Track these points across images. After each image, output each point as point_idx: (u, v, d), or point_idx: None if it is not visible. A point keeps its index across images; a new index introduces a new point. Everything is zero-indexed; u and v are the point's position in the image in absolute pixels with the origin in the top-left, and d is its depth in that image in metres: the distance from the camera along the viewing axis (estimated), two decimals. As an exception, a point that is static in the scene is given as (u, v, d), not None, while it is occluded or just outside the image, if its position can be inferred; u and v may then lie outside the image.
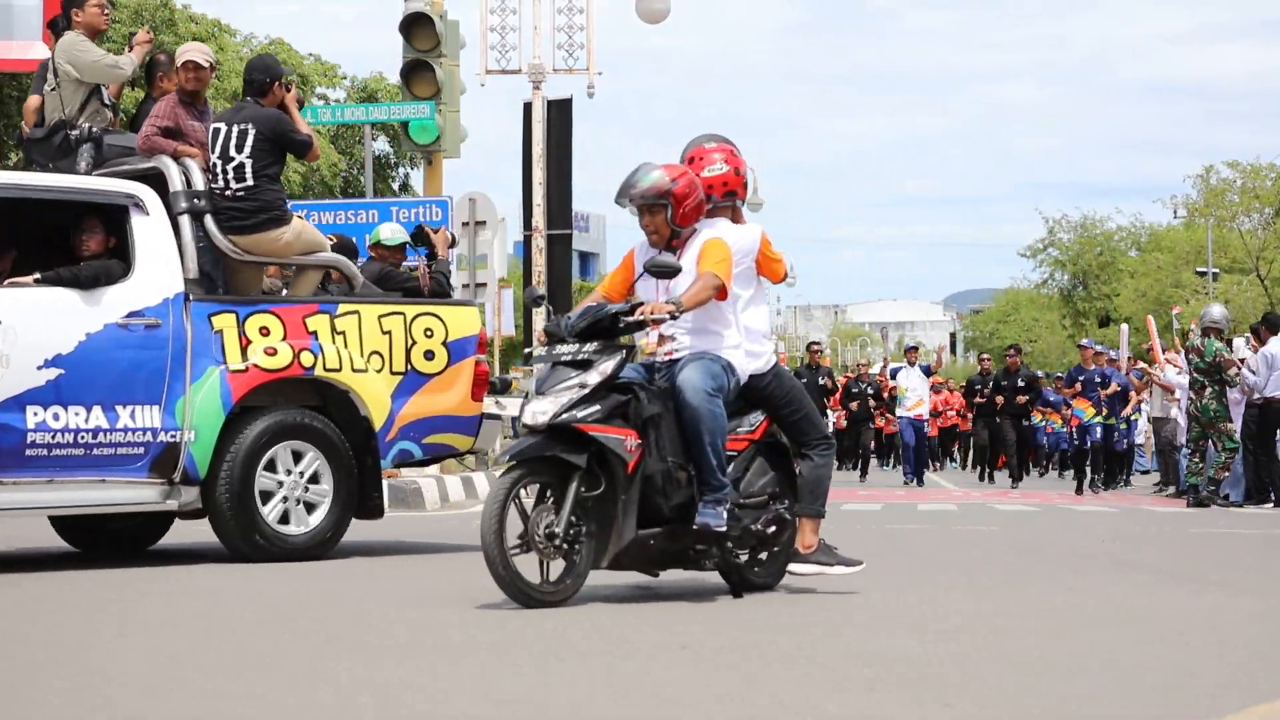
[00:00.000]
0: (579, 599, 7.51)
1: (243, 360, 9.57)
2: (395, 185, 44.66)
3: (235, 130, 9.81)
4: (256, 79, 10.07)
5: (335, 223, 18.81)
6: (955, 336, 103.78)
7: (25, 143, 10.45)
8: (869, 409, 28.49)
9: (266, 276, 10.56)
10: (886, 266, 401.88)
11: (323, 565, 9.51)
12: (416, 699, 4.95)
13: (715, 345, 7.70)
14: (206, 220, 9.72)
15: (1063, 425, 28.97)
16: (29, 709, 4.76)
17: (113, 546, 10.49)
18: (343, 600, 7.67)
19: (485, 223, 21.23)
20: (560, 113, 22.88)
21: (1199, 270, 53.85)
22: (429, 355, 10.28)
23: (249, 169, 9.77)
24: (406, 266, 11.96)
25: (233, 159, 9.77)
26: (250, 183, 9.77)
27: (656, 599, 7.66)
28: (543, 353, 7.56)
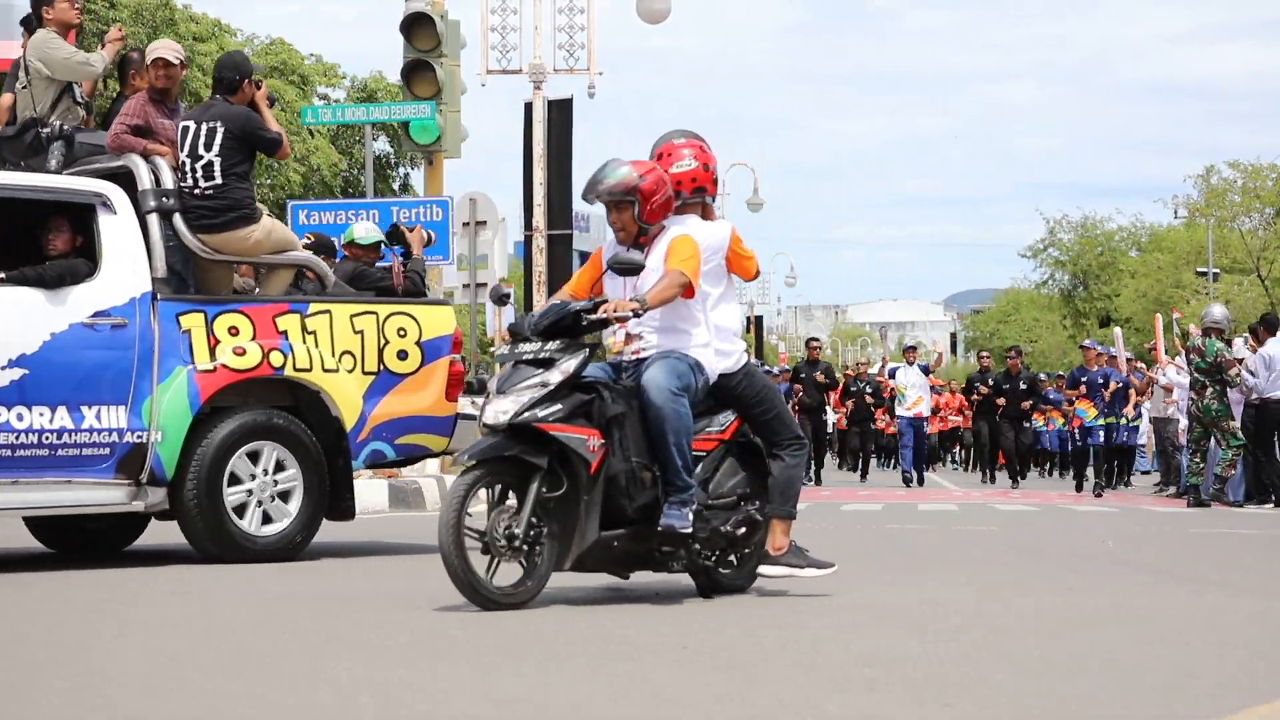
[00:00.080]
0: (580, 599, 7.52)
1: (211, 360, 9.49)
2: (395, 185, 44.66)
3: (204, 128, 9.71)
4: (226, 76, 9.96)
5: (335, 223, 18.78)
6: (956, 337, 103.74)
7: None
8: (868, 408, 28.45)
9: (239, 276, 10.45)
10: (887, 266, 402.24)
11: (322, 565, 9.51)
12: (416, 699, 4.95)
13: (683, 344, 7.59)
14: (175, 219, 9.63)
15: (1064, 424, 28.94)
16: (29, 709, 4.75)
17: (88, 548, 10.41)
18: (342, 600, 7.66)
19: (486, 223, 21.24)
20: (561, 113, 22.89)
21: (1199, 270, 53.84)
22: (402, 355, 10.19)
23: (217, 167, 9.66)
24: (383, 266, 11.83)
25: (201, 157, 9.67)
26: (219, 181, 9.66)
27: (656, 600, 7.65)
28: (505, 351, 7.45)
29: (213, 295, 9.79)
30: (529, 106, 23.02)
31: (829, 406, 28.82)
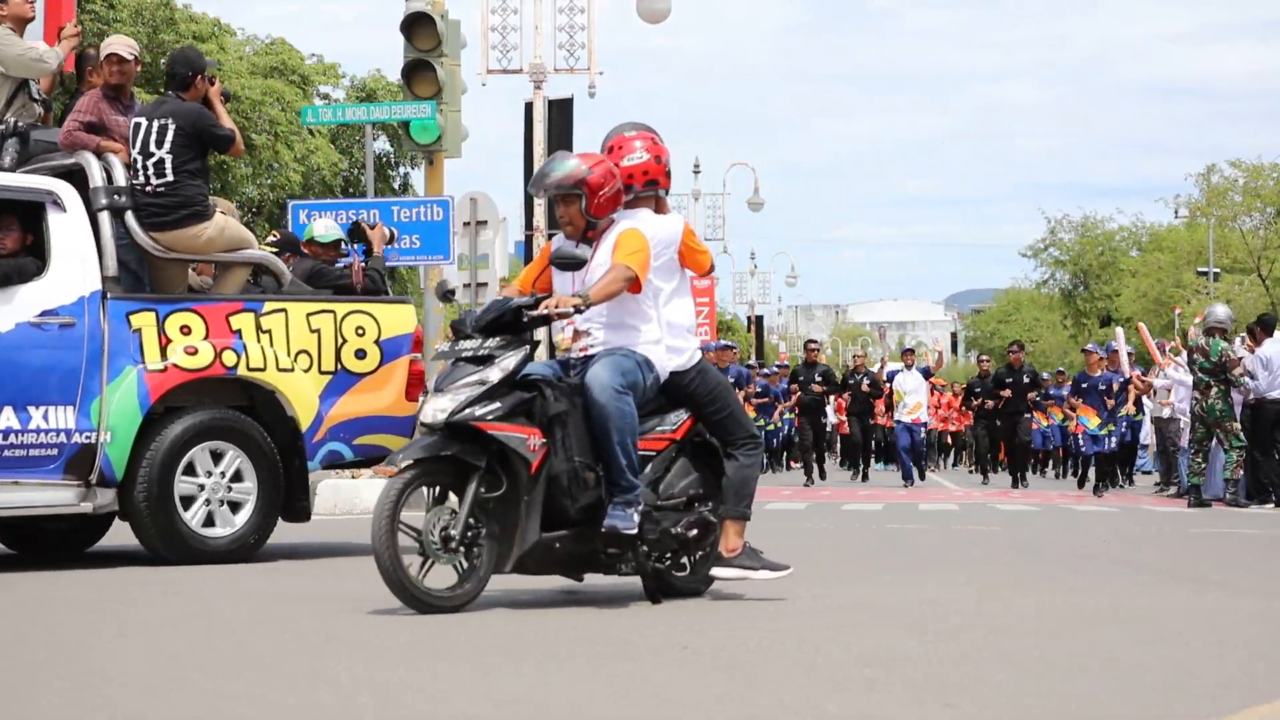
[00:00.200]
0: (579, 599, 7.51)
1: (162, 360, 9.38)
2: (396, 185, 44.65)
3: (155, 125, 9.61)
4: (178, 72, 9.84)
5: (336, 222, 18.76)
6: (956, 336, 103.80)
7: None
8: (867, 399, 28.25)
9: (197, 275, 10.30)
10: (887, 266, 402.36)
11: (321, 565, 9.51)
12: (416, 699, 4.94)
13: (632, 340, 7.43)
14: (127, 217, 9.52)
15: (1063, 420, 28.90)
16: (29, 709, 4.75)
17: (50, 549, 10.29)
18: (342, 601, 7.65)
19: (486, 222, 21.23)
20: (561, 112, 22.92)
21: (1200, 270, 53.84)
22: (360, 354, 10.07)
23: (169, 164, 9.56)
24: (345, 264, 11.53)
25: (153, 154, 9.56)
26: (170, 178, 9.56)
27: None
28: (445, 349, 7.31)
29: (166, 294, 9.66)
30: (529, 106, 23.05)
31: (829, 408, 28.75)
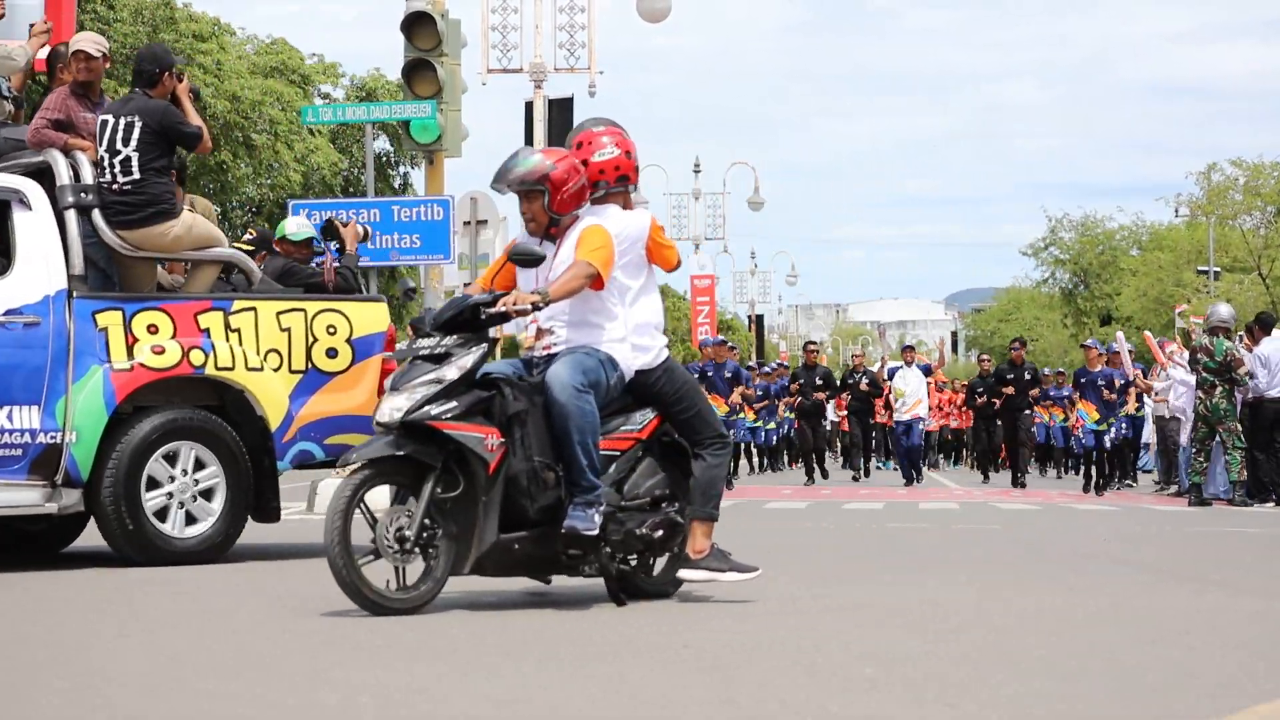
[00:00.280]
0: (579, 599, 7.50)
1: (128, 359, 9.31)
2: (396, 184, 44.66)
3: (122, 123, 9.54)
4: (145, 69, 9.75)
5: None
6: (956, 335, 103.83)
7: None
8: (867, 398, 28.22)
9: (169, 274, 10.21)
10: (887, 266, 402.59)
11: (322, 565, 9.49)
12: (417, 699, 4.94)
13: (595, 338, 7.35)
14: (95, 215, 9.46)
15: (1065, 420, 28.88)
16: (29, 709, 4.75)
17: (24, 550, 10.21)
18: (341, 600, 7.64)
19: (487, 222, 21.23)
20: (562, 112, 22.92)
21: (1200, 269, 53.84)
22: (331, 353, 9.97)
23: (135, 162, 9.50)
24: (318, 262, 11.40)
25: (119, 152, 9.49)
26: (137, 176, 9.50)
27: (659, 601, 7.64)
28: (403, 347, 7.21)
29: (135, 292, 9.59)
30: (530, 105, 23.05)
31: (830, 406, 28.70)
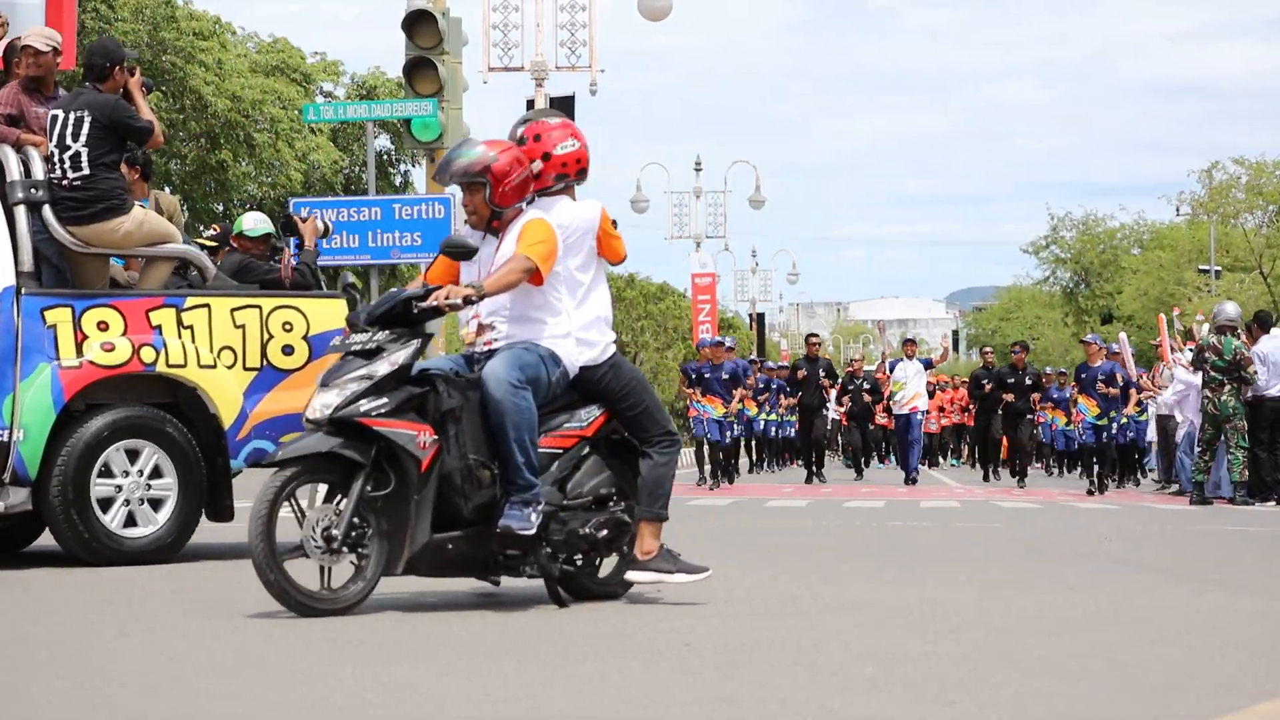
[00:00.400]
0: (580, 602, 7.50)
1: (77, 356, 9.19)
2: (396, 182, 44.65)
3: (72, 118, 9.45)
4: (96, 63, 9.66)
5: (338, 219, 18.79)
6: (957, 334, 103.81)
7: None
8: (867, 406, 28.29)
9: (126, 270, 10.11)
10: (888, 265, 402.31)
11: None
12: (420, 698, 4.94)
13: (537, 334, 7.23)
14: (45, 211, 9.37)
15: (1068, 423, 28.88)
16: (29, 709, 4.75)
17: None
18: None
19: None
20: (562, 110, 22.87)
21: (1201, 268, 53.81)
22: (288, 350, 9.83)
23: (85, 158, 9.42)
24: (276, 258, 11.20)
25: (69, 147, 9.41)
26: (86, 171, 9.43)
27: (658, 599, 7.64)
28: (337, 343, 7.12)
29: (87, 289, 9.50)
30: (531, 104, 23.05)
31: (829, 403, 28.69)
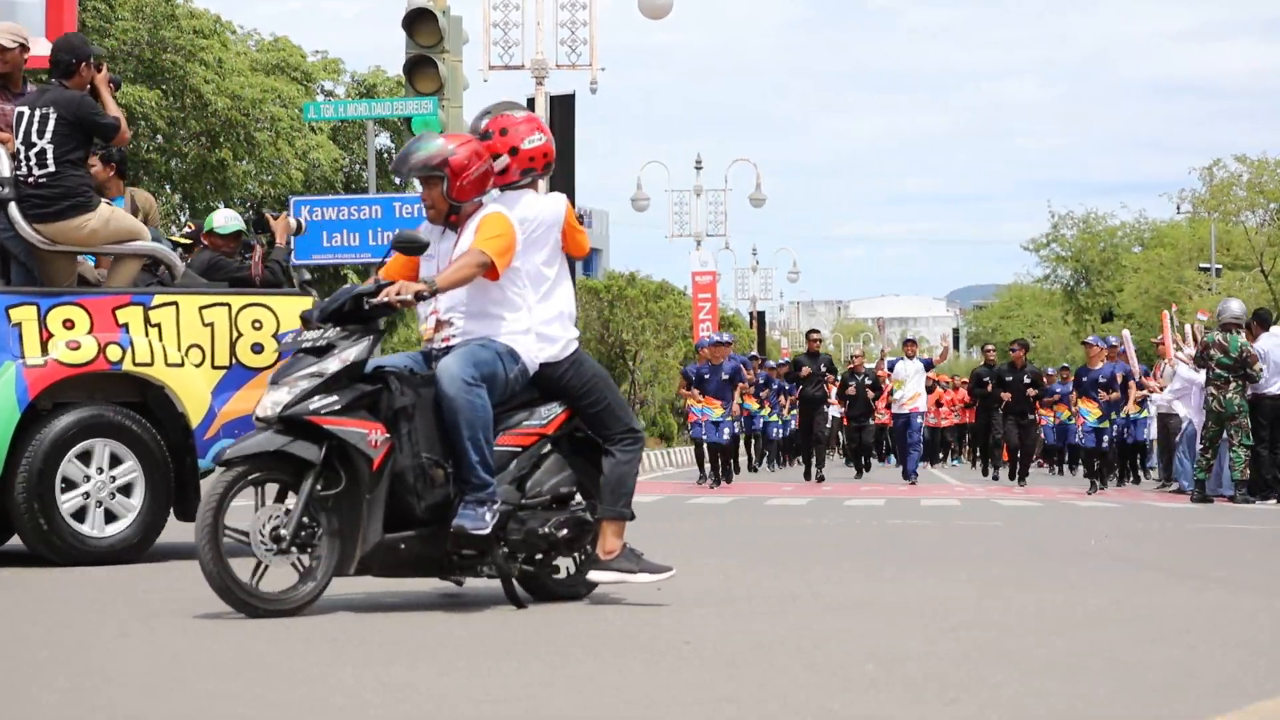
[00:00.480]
0: (580, 600, 7.50)
1: (42, 354, 9.13)
2: (397, 181, 44.63)
3: (38, 114, 9.39)
4: (62, 59, 9.60)
5: (338, 218, 18.80)
6: (958, 332, 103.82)
7: None
8: (868, 402, 28.24)
9: (96, 269, 10.04)
10: (889, 263, 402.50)
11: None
12: (421, 698, 4.94)
13: (495, 330, 7.15)
14: (10, 208, 9.33)
15: (1070, 417, 28.84)
16: (29, 709, 4.75)
17: None
18: (342, 599, 7.65)
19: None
20: (563, 108, 22.89)
21: (1202, 266, 53.80)
22: (257, 348, 9.75)
23: (50, 155, 9.38)
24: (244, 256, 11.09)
25: (34, 144, 9.35)
26: (52, 169, 9.39)
27: (658, 597, 7.64)
28: (289, 340, 7.07)
29: (54, 287, 9.44)
30: (531, 102, 23.02)
31: (830, 398, 28.62)
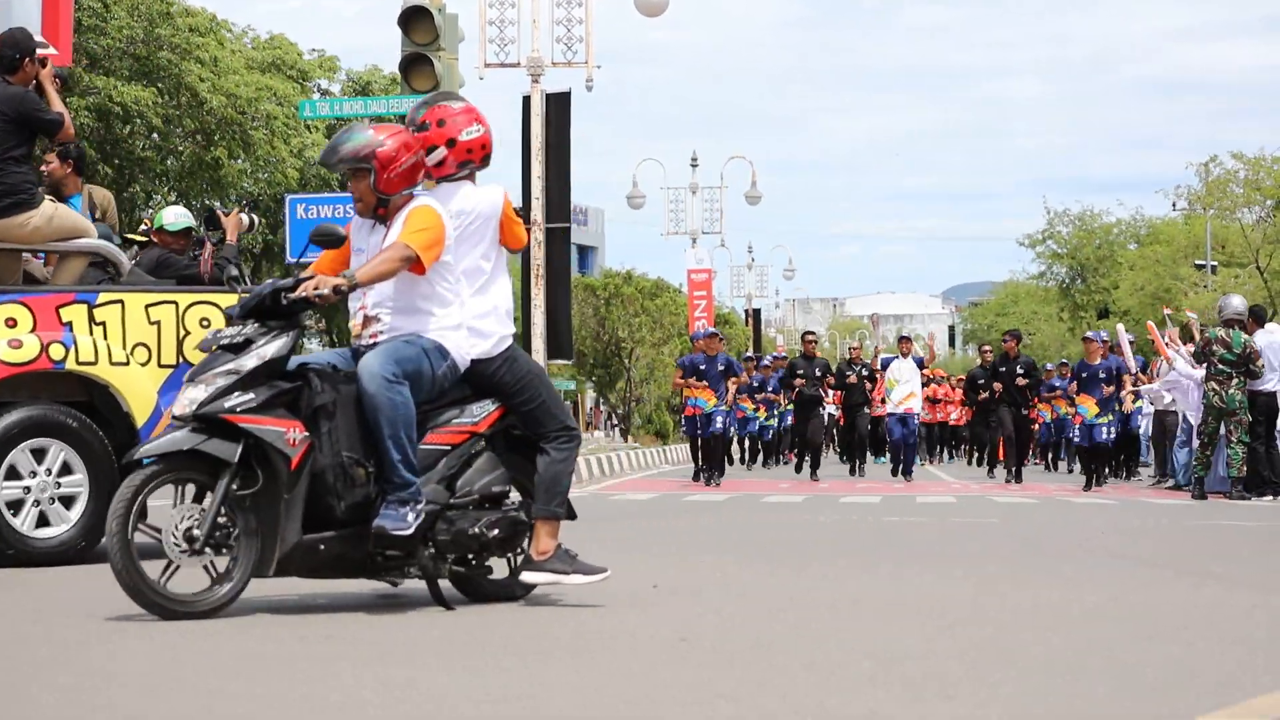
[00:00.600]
0: (582, 597, 7.51)
1: None
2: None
3: None
4: (5, 55, 9.48)
5: (334, 216, 18.78)
6: (954, 330, 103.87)
7: None
8: (865, 393, 28.14)
9: (44, 267, 9.94)
10: (885, 260, 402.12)
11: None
12: (419, 696, 4.95)
13: (423, 325, 7.04)
14: None
15: (1067, 413, 28.81)
16: (29, 709, 4.76)
17: None
18: (341, 599, 7.65)
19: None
20: (559, 106, 22.89)
21: (1198, 263, 53.82)
22: None
23: None
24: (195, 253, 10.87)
25: None
26: None
27: (655, 594, 7.65)
28: (209, 337, 6.98)
29: None
30: (527, 100, 23.02)
31: (825, 401, 28.58)
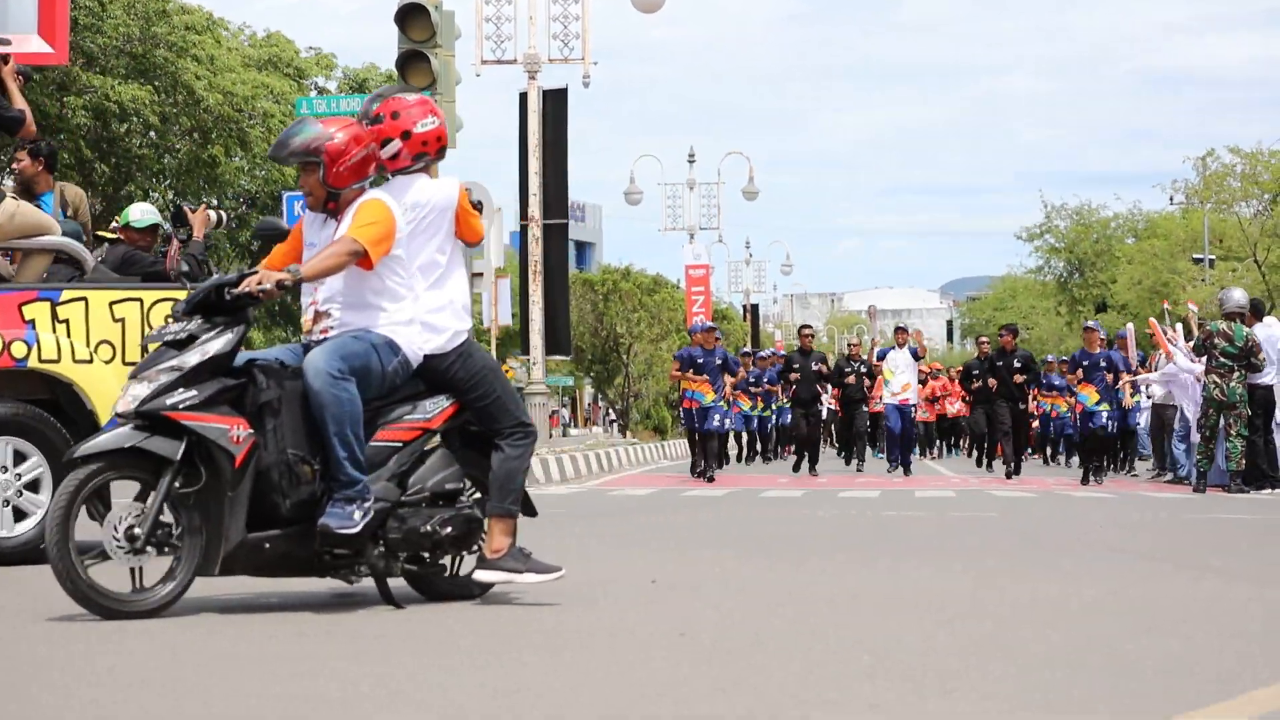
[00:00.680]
0: (577, 590, 7.51)
1: None
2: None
3: None
4: None
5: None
6: (952, 324, 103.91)
7: None
8: (864, 389, 28.15)
9: (10, 265, 9.84)
10: (882, 255, 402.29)
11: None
12: (417, 690, 4.95)
13: (373, 321, 6.96)
14: None
15: (1068, 411, 28.81)
16: (29, 708, 4.76)
17: None
18: (341, 595, 7.66)
19: (481, 211, 21.21)
20: (556, 103, 22.93)
21: (1195, 257, 53.84)
22: None
23: None
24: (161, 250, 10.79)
25: None
26: None
27: (654, 589, 7.66)
28: (153, 333, 6.89)
29: None
30: (524, 96, 23.06)
31: (823, 394, 28.58)
